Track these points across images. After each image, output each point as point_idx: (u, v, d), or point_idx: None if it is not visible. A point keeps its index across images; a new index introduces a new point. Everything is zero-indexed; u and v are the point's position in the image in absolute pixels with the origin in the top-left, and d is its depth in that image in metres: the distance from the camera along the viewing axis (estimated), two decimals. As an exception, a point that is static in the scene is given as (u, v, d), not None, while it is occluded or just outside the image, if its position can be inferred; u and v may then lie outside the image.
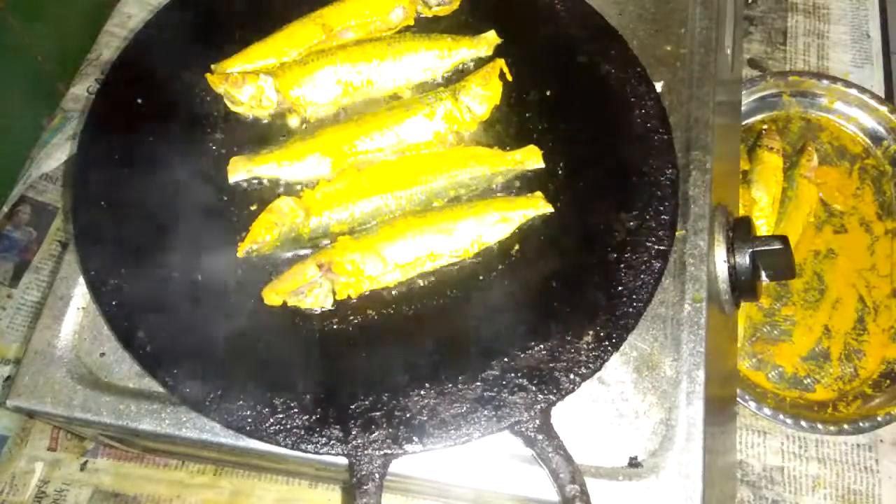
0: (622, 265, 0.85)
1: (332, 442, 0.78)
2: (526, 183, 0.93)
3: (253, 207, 0.92)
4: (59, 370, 0.89)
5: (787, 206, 1.30)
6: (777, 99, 1.40)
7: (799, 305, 1.24)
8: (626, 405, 0.84)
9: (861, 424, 1.12)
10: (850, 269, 1.26)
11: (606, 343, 0.81)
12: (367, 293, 0.87)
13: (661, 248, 0.85)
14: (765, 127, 1.36)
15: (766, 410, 1.13)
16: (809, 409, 1.16)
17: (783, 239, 0.90)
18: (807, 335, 1.22)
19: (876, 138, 1.35)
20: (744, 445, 1.16)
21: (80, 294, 0.93)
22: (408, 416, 0.78)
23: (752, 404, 1.14)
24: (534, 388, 0.79)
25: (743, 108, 1.37)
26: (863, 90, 1.37)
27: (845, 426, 1.12)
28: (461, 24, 1.05)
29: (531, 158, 0.93)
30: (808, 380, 1.19)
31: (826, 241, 1.29)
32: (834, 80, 1.38)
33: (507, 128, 0.97)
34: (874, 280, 1.25)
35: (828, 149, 1.36)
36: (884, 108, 1.35)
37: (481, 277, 0.88)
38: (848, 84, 1.37)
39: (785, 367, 1.20)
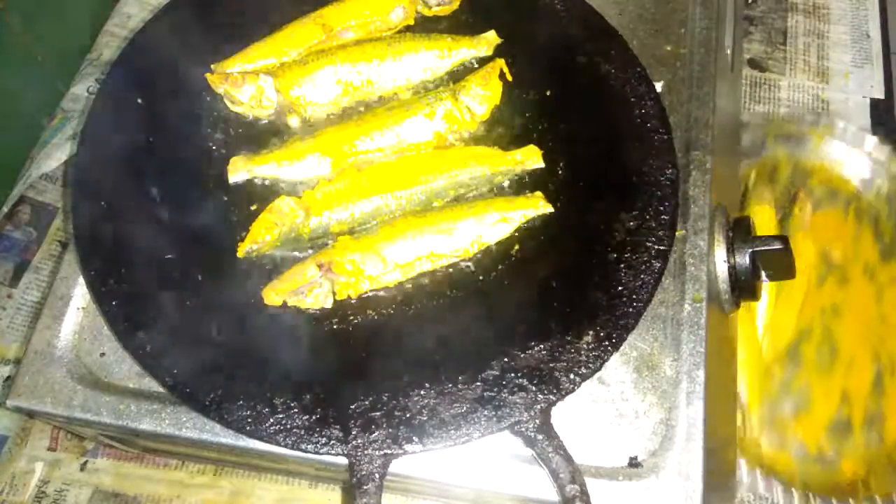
0: (622, 265, 0.85)
1: (332, 442, 0.77)
2: (526, 183, 0.93)
3: (253, 207, 0.92)
4: (59, 370, 0.89)
5: None
6: (762, 144, 1.31)
7: (813, 372, 1.15)
8: (626, 405, 0.84)
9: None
10: (860, 324, 1.17)
11: (606, 343, 0.81)
12: (367, 293, 0.87)
13: (661, 248, 0.85)
14: (752, 181, 1.29)
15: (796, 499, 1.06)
16: (840, 491, 1.07)
17: (783, 239, 0.91)
18: (825, 403, 1.13)
19: (868, 177, 1.28)
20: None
21: (80, 294, 0.93)
22: (408, 416, 0.78)
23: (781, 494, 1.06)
24: (534, 388, 0.79)
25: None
26: (847, 127, 1.30)
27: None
28: (461, 24, 1.05)
29: (531, 158, 0.93)
30: (832, 452, 1.11)
31: (830, 295, 1.19)
32: (818, 118, 1.32)
33: (507, 128, 0.97)
34: (886, 332, 1.16)
35: (819, 193, 1.28)
36: (871, 144, 1.28)
37: (481, 277, 0.88)
38: (832, 122, 1.30)
39: (808, 443, 1.11)
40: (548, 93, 0.98)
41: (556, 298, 0.84)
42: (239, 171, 0.93)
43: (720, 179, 0.98)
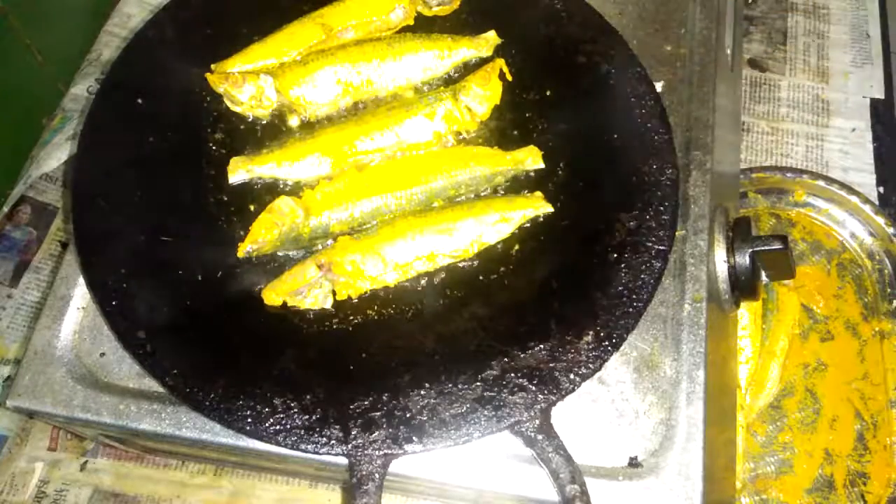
0: (622, 265, 0.85)
1: (332, 442, 0.77)
2: (526, 183, 0.93)
3: (253, 207, 0.92)
4: (59, 370, 0.89)
5: (770, 320, 1.19)
6: (742, 198, 1.28)
7: (796, 429, 1.14)
8: (626, 405, 0.84)
9: None
10: (843, 382, 1.17)
11: (606, 343, 0.81)
12: (367, 293, 0.87)
13: (661, 248, 0.85)
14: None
15: None
16: None
17: (783, 238, 0.90)
18: (808, 462, 1.12)
19: (851, 231, 1.26)
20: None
21: (80, 294, 0.93)
22: (408, 416, 0.78)
23: None
24: (534, 388, 0.79)
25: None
26: (830, 181, 1.27)
27: None
28: (461, 24, 1.05)
29: (531, 158, 0.93)
30: None
31: (814, 351, 1.19)
32: (800, 172, 1.29)
33: (507, 128, 0.97)
34: (868, 390, 1.16)
35: (802, 246, 1.26)
36: (854, 199, 1.25)
37: (481, 277, 0.88)
38: (815, 176, 1.28)
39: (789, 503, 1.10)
40: (548, 93, 0.98)
41: (556, 298, 0.84)
42: (239, 171, 0.93)
43: (720, 179, 0.98)
